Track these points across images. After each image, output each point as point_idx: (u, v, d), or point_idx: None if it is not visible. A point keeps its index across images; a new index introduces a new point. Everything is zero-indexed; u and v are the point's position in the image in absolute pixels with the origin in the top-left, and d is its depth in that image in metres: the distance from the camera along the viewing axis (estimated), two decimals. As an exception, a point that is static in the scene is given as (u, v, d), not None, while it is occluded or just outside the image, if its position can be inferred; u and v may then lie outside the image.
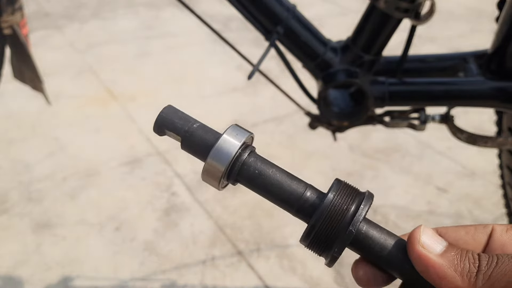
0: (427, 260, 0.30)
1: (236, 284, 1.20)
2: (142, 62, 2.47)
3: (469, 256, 0.30)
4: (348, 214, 0.31)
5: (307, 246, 0.33)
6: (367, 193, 0.33)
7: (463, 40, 2.66)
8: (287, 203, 0.33)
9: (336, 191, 0.32)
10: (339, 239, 0.31)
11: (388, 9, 0.74)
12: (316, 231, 0.31)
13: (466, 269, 0.29)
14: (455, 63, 0.86)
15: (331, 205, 0.31)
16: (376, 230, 0.32)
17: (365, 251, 0.32)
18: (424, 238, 0.31)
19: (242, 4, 0.77)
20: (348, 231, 0.31)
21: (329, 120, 0.84)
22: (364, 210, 0.31)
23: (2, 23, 0.99)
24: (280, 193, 0.33)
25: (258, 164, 0.34)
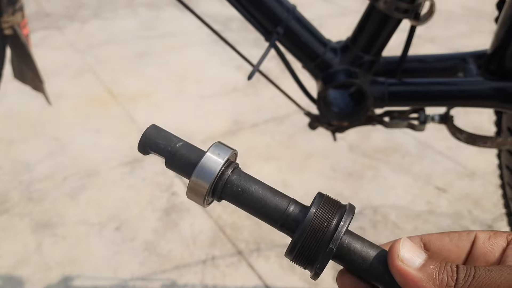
0: (406, 274, 0.31)
1: (236, 284, 1.20)
2: (142, 62, 2.47)
3: (448, 269, 0.31)
4: (329, 229, 0.32)
5: (292, 260, 0.34)
6: (348, 206, 0.33)
7: (463, 41, 2.66)
8: (271, 219, 0.34)
9: (317, 206, 0.33)
10: (321, 255, 0.32)
11: (388, 9, 0.74)
12: (299, 247, 0.32)
13: (444, 282, 0.30)
14: (455, 63, 0.86)
15: (313, 221, 0.32)
16: (358, 243, 0.33)
17: (347, 263, 0.33)
18: (403, 252, 0.31)
19: (242, 4, 0.77)
20: (328, 248, 0.32)
21: (329, 120, 0.85)
22: (345, 225, 0.32)
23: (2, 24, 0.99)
24: (264, 209, 0.34)
25: (241, 181, 0.34)
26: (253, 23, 0.79)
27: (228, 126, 1.88)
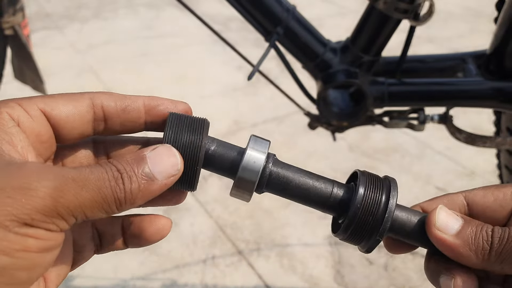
0: (443, 241, 0.32)
1: (236, 284, 1.20)
2: (143, 62, 2.48)
3: (483, 233, 0.31)
4: (381, 207, 0.33)
5: (345, 239, 0.34)
6: (391, 181, 0.35)
7: (462, 41, 2.67)
8: (318, 204, 0.35)
9: (364, 186, 0.34)
10: (375, 232, 0.33)
11: (387, 10, 0.74)
12: (354, 225, 0.33)
13: (480, 247, 0.31)
14: (454, 63, 0.87)
15: (364, 201, 0.33)
16: (404, 213, 0.34)
17: (395, 232, 0.34)
18: (439, 220, 0.33)
19: (242, 4, 0.77)
20: (383, 224, 0.33)
21: (329, 120, 0.85)
22: (394, 201, 0.33)
23: (3, 24, 0.99)
24: (310, 196, 0.35)
25: (283, 172, 0.35)
26: (253, 23, 0.79)
27: (228, 126, 1.88)
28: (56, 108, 0.31)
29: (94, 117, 0.33)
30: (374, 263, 1.25)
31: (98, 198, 0.27)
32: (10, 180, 0.25)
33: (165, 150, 0.30)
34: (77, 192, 0.26)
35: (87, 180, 0.27)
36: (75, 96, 0.32)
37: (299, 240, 1.32)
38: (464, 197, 0.35)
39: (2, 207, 0.24)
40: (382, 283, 1.20)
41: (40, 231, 0.26)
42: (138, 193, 0.28)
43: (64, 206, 0.26)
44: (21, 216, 0.25)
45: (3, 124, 0.29)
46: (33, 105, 0.30)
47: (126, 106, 0.33)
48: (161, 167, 0.29)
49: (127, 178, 0.28)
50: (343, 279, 1.21)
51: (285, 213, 1.40)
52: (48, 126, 0.31)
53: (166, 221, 0.34)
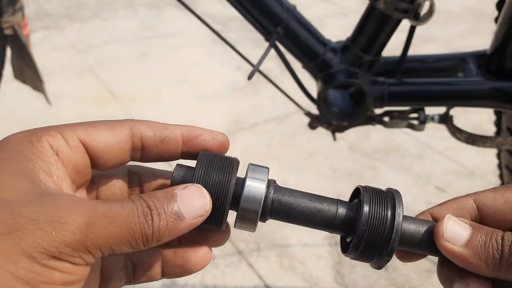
0: (452, 252, 0.32)
1: (236, 284, 1.20)
2: (143, 62, 2.48)
3: (493, 242, 0.31)
4: (387, 222, 0.33)
5: (356, 258, 0.34)
6: (395, 193, 0.34)
7: (462, 41, 2.67)
8: (324, 226, 0.35)
9: (368, 202, 0.33)
10: (388, 246, 0.33)
11: (388, 9, 0.74)
12: (363, 244, 0.33)
13: (490, 256, 0.31)
14: (455, 63, 0.86)
15: (370, 218, 0.33)
16: (412, 225, 0.34)
17: (405, 245, 0.34)
18: (447, 231, 0.32)
19: (242, 4, 0.77)
20: (393, 237, 0.32)
21: (329, 120, 0.85)
22: (400, 214, 0.33)
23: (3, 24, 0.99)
24: (315, 219, 0.34)
25: (285, 198, 0.34)
26: (253, 23, 0.79)
27: (228, 126, 1.88)
28: (96, 139, 0.32)
29: (132, 147, 0.33)
30: (374, 263, 1.25)
31: (126, 233, 0.27)
32: (43, 212, 0.26)
33: (196, 190, 0.31)
34: (107, 227, 0.27)
35: (117, 215, 0.27)
36: (115, 125, 0.33)
37: (299, 240, 1.32)
38: (474, 200, 0.35)
39: (33, 238, 0.25)
40: (382, 283, 1.20)
41: (66, 264, 0.26)
42: (165, 230, 0.29)
43: (93, 241, 0.26)
44: (50, 249, 0.25)
45: (43, 153, 0.29)
46: (73, 135, 0.31)
47: (165, 137, 0.34)
48: (190, 206, 0.30)
49: (156, 215, 0.28)
50: (343, 279, 1.21)
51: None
52: (86, 157, 0.32)
53: (208, 250, 0.34)
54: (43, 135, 0.30)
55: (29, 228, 0.25)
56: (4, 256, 0.24)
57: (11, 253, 0.24)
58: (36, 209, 0.26)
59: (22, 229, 0.25)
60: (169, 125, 0.34)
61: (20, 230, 0.25)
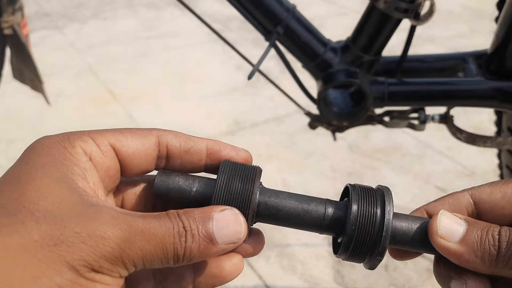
0: (447, 250, 0.31)
1: (236, 284, 1.20)
2: (142, 62, 2.47)
3: (489, 237, 0.30)
4: (377, 220, 0.32)
5: (347, 259, 0.33)
6: (385, 190, 0.34)
7: (463, 40, 2.66)
8: (313, 227, 0.34)
9: (357, 201, 0.32)
10: (378, 245, 0.32)
11: (388, 9, 0.74)
12: (353, 245, 0.32)
13: (487, 253, 0.30)
14: (455, 63, 0.86)
15: (359, 217, 0.32)
16: (403, 222, 0.33)
17: (398, 243, 0.33)
18: (441, 228, 0.31)
19: (242, 4, 0.77)
20: (383, 235, 0.32)
21: (329, 120, 0.85)
22: (390, 211, 0.32)
23: (2, 23, 0.99)
24: (303, 220, 0.33)
25: (272, 200, 0.33)
26: (253, 22, 0.79)
27: (228, 126, 1.88)
28: (126, 145, 0.32)
29: (158, 155, 0.33)
30: (374, 263, 1.25)
31: (160, 252, 0.28)
32: (86, 226, 0.26)
33: (232, 216, 0.31)
34: (143, 245, 0.27)
35: (154, 234, 0.28)
36: (143, 133, 0.33)
37: (298, 240, 1.32)
38: (470, 195, 0.34)
39: (76, 251, 0.26)
40: (382, 283, 1.20)
41: (105, 277, 0.27)
42: (196, 253, 0.29)
43: (129, 257, 0.27)
44: (91, 262, 0.26)
45: (78, 159, 0.30)
46: (104, 140, 0.32)
47: (190, 148, 0.34)
48: (225, 232, 0.30)
49: (190, 236, 0.29)
50: (343, 279, 1.21)
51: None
52: (117, 162, 0.32)
53: (241, 258, 0.34)
54: (76, 140, 0.30)
55: (73, 241, 0.26)
56: (51, 267, 0.25)
57: (57, 265, 0.25)
58: (79, 222, 0.26)
59: (66, 241, 0.26)
60: (194, 137, 0.35)
61: (65, 242, 0.26)
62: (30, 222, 0.26)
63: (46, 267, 0.25)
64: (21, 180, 0.28)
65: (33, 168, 0.28)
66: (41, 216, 0.26)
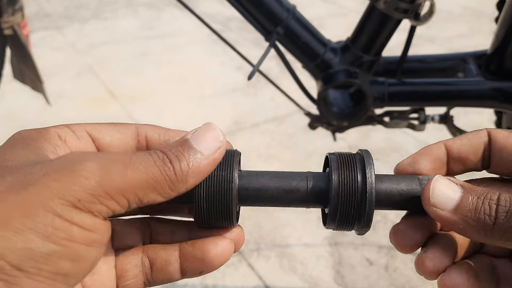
0: (440, 218, 0.30)
1: (236, 284, 1.20)
2: (142, 62, 2.48)
3: (485, 206, 0.28)
4: (359, 183, 0.31)
5: (336, 228, 0.33)
6: (363, 153, 0.33)
7: (463, 41, 2.66)
8: (298, 202, 0.33)
9: (337, 169, 0.32)
10: (364, 209, 0.31)
11: (388, 9, 0.74)
12: (338, 215, 0.32)
13: (481, 223, 0.28)
14: (455, 63, 0.86)
15: (340, 186, 0.31)
16: (387, 183, 0.32)
17: (383, 205, 0.33)
18: (434, 196, 0.30)
19: (242, 4, 0.77)
20: (367, 199, 0.31)
21: (329, 120, 0.85)
22: (372, 174, 0.31)
23: (2, 24, 0.99)
24: (287, 197, 0.33)
25: (251, 182, 0.33)
26: (253, 23, 0.79)
27: (228, 126, 1.88)
28: (102, 132, 0.32)
29: (138, 146, 0.33)
30: (374, 263, 1.25)
31: (147, 177, 0.27)
32: (53, 166, 0.25)
33: (204, 127, 0.31)
34: (122, 171, 0.26)
35: (131, 160, 0.27)
36: (121, 125, 0.33)
37: (299, 240, 1.32)
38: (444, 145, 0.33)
39: (49, 190, 0.24)
40: (382, 283, 1.20)
41: (87, 218, 0.25)
42: (189, 170, 0.28)
43: (111, 185, 0.25)
44: (68, 198, 0.24)
45: (50, 138, 0.30)
46: (80, 127, 0.32)
47: (169, 139, 0.34)
48: (205, 143, 0.29)
49: (174, 157, 0.28)
50: (343, 279, 1.21)
51: (285, 213, 1.40)
52: (94, 147, 0.32)
53: (229, 242, 0.33)
54: (51, 128, 0.31)
55: (42, 182, 0.24)
56: (22, 212, 0.24)
57: (29, 208, 0.24)
58: (45, 166, 0.25)
59: (35, 183, 0.24)
60: (174, 130, 0.34)
61: (33, 184, 0.24)
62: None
63: (18, 212, 0.24)
64: None
65: (3, 146, 0.29)
66: (6, 172, 0.26)
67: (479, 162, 0.33)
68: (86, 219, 0.25)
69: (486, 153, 0.33)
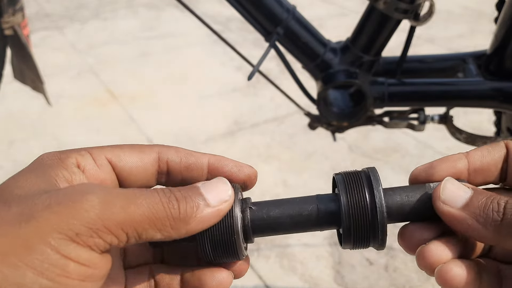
0: (449, 215, 0.30)
1: (236, 284, 1.20)
2: (143, 62, 2.48)
3: (494, 204, 0.29)
4: (368, 201, 0.32)
5: (352, 248, 0.34)
6: (369, 171, 0.33)
7: (462, 41, 2.67)
8: (311, 227, 0.34)
9: (345, 190, 0.32)
10: (377, 225, 0.32)
11: (388, 10, 0.74)
12: (353, 236, 0.32)
13: (489, 218, 0.29)
14: (454, 63, 0.87)
15: (351, 205, 0.32)
16: (396, 196, 0.33)
17: (395, 218, 0.33)
18: (445, 193, 0.31)
19: (242, 5, 0.77)
20: (378, 216, 0.31)
21: (329, 121, 0.85)
22: (379, 191, 0.32)
23: (3, 24, 0.99)
24: (299, 225, 0.33)
25: (263, 214, 0.33)
26: (253, 23, 0.79)
27: (228, 127, 1.88)
28: (123, 160, 0.32)
29: (158, 171, 0.33)
30: (374, 263, 1.25)
31: (149, 213, 0.26)
32: (57, 197, 0.25)
33: (216, 179, 0.31)
34: (125, 205, 0.26)
35: (136, 195, 0.27)
36: (143, 149, 0.33)
37: (299, 240, 1.32)
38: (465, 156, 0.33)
39: (48, 224, 0.24)
40: (382, 283, 1.20)
41: (83, 252, 0.25)
42: (193, 213, 0.28)
43: (111, 220, 0.25)
44: (66, 232, 0.24)
45: (67, 165, 0.30)
46: (101, 155, 0.32)
47: (190, 164, 0.33)
48: (214, 193, 0.30)
49: (181, 197, 0.28)
50: (343, 279, 1.21)
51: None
52: (113, 175, 0.32)
53: (228, 274, 0.33)
54: (73, 152, 0.31)
55: (43, 215, 0.24)
56: (21, 246, 0.24)
57: (27, 242, 0.24)
58: (50, 197, 0.25)
59: (36, 217, 0.24)
60: (196, 152, 0.34)
61: (35, 218, 0.24)
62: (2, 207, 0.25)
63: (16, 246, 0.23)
64: (8, 181, 0.28)
65: (22, 171, 0.29)
66: (13, 202, 0.25)
67: (499, 174, 0.33)
68: (83, 254, 0.25)
69: (504, 165, 0.33)
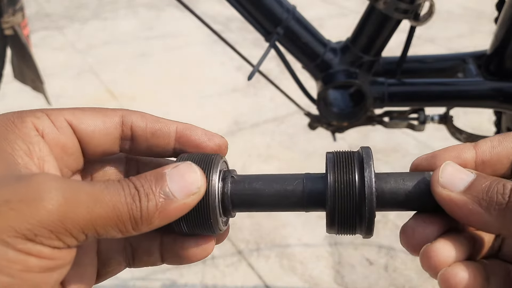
0: (449, 200, 0.27)
1: (236, 284, 1.20)
2: (142, 62, 2.48)
3: (498, 187, 0.26)
4: (356, 184, 0.29)
5: (337, 232, 0.31)
6: (362, 151, 0.31)
7: (462, 41, 2.67)
8: (295, 206, 0.31)
9: (333, 169, 0.30)
10: (364, 211, 0.29)
11: (388, 10, 0.74)
12: (337, 218, 0.29)
13: (493, 202, 0.26)
14: (454, 63, 0.87)
15: (337, 187, 0.29)
16: (391, 182, 0.30)
17: (387, 205, 0.30)
18: (444, 177, 0.28)
19: (242, 5, 0.77)
20: (366, 200, 0.29)
21: (329, 121, 0.85)
22: (371, 173, 0.29)
23: (3, 24, 0.99)
24: (282, 203, 0.31)
25: (245, 186, 0.31)
26: (253, 23, 0.79)
27: (228, 126, 1.88)
28: (84, 122, 0.30)
29: (122, 136, 0.31)
30: (374, 263, 1.25)
31: (112, 215, 0.25)
32: (17, 192, 0.23)
33: (186, 167, 0.28)
34: (90, 207, 0.24)
35: (101, 194, 0.25)
36: (106, 112, 0.31)
37: (299, 240, 1.32)
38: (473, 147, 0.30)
39: (4, 221, 0.23)
40: (382, 283, 1.20)
41: (43, 249, 0.24)
42: (155, 212, 0.26)
43: (74, 222, 0.24)
44: (24, 232, 0.23)
45: (24, 133, 0.27)
46: (60, 117, 0.29)
47: (156, 130, 0.32)
48: (181, 184, 0.27)
49: (144, 195, 0.26)
50: (343, 279, 1.21)
51: (284, 213, 1.40)
52: (75, 139, 0.30)
53: (211, 242, 0.32)
54: (28, 116, 0.28)
55: (2, 211, 0.23)
56: None
57: None
58: (9, 190, 0.23)
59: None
60: (164, 119, 0.32)
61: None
62: None
63: None
64: None
65: None
66: None
67: (511, 167, 0.30)
68: (43, 250, 0.24)
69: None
